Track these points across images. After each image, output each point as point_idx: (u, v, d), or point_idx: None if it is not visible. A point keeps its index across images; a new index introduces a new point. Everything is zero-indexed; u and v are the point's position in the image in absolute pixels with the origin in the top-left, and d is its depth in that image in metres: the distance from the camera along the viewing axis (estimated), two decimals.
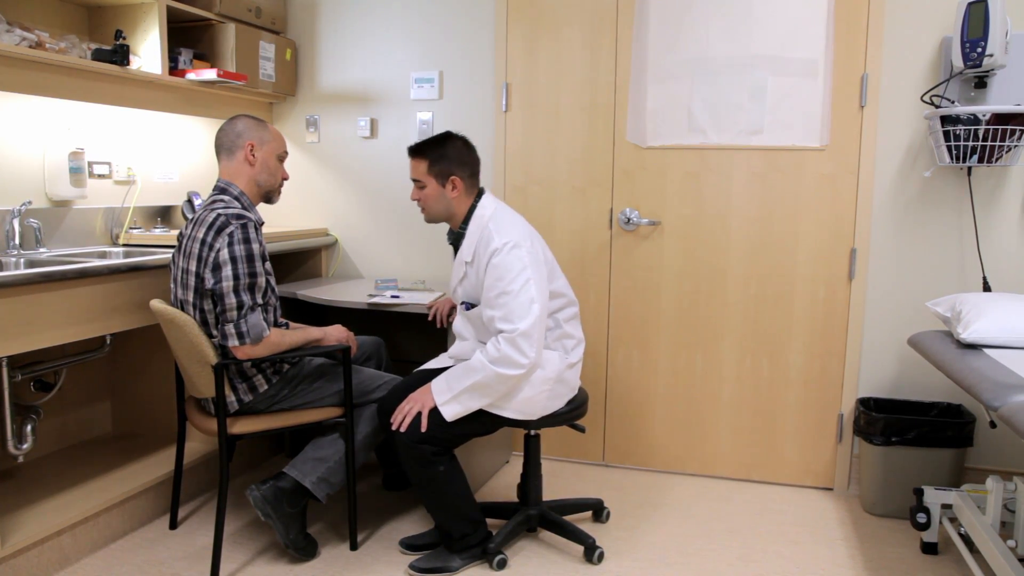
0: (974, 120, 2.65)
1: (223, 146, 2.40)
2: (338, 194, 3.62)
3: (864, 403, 2.97)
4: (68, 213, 2.92)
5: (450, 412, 2.27)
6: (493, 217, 2.37)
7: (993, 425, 2.45)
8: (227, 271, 2.22)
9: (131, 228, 3.14)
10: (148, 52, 2.90)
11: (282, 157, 2.48)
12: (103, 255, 2.89)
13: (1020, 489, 2.20)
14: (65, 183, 2.86)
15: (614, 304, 3.27)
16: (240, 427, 2.33)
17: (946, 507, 2.57)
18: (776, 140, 3.01)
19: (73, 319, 2.34)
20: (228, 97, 3.38)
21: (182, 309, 2.33)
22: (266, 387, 2.38)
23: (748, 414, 3.17)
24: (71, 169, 2.87)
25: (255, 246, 2.26)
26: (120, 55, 2.74)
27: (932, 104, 2.82)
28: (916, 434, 2.76)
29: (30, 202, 2.72)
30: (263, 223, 2.42)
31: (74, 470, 2.79)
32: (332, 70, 3.57)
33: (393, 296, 2.95)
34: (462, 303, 2.48)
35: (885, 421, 2.78)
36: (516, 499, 2.68)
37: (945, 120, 2.70)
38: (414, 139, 3.46)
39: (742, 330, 3.13)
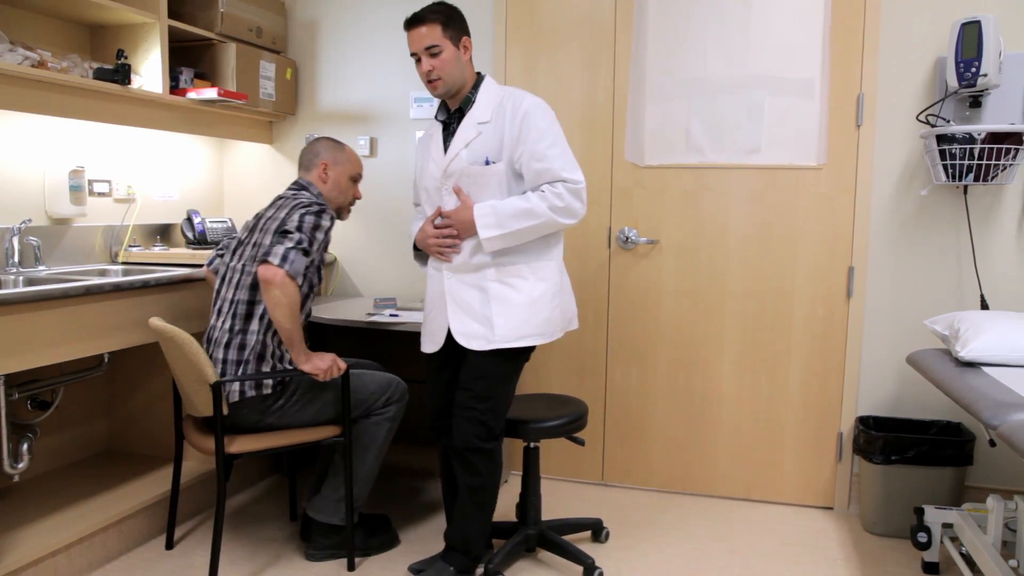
0: (969, 139, 2.67)
1: (302, 163, 2.59)
2: None
3: (863, 421, 2.97)
4: (68, 231, 2.93)
5: (489, 244, 2.23)
6: (506, 87, 2.36)
7: (993, 443, 2.44)
8: (295, 220, 2.33)
9: (130, 246, 3.15)
10: (149, 71, 2.92)
11: (355, 178, 2.63)
12: (102, 273, 2.90)
13: (1021, 508, 2.20)
14: (65, 201, 2.87)
15: (612, 322, 3.27)
16: (238, 446, 2.32)
17: (947, 526, 2.56)
18: (774, 159, 3.03)
19: (71, 337, 2.34)
20: (228, 116, 3.40)
21: (234, 276, 2.42)
22: (269, 392, 2.37)
23: (747, 433, 3.17)
24: (71, 187, 2.88)
25: (321, 233, 2.39)
26: (121, 74, 2.76)
27: (928, 123, 2.84)
28: (916, 453, 2.75)
29: (30, 220, 2.73)
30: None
31: (70, 489, 2.78)
32: (332, 89, 3.60)
33: (392, 315, 2.95)
34: (473, 164, 2.26)
35: (885, 439, 2.78)
36: (515, 518, 2.66)
37: (941, 139, 2.72)
38: (413, 158, 3.47)
39: (741, 348, 3.13)
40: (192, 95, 3.06)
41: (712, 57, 3.04)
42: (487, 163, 2.25)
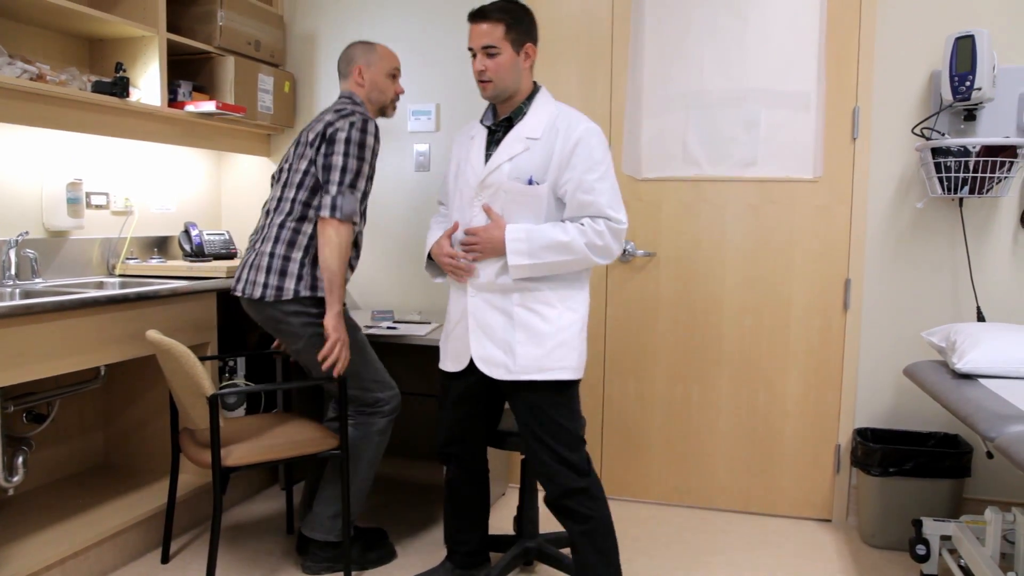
0: (964, 152, 2.68)
1: (340, 72, 2.59)
2: None
3: (861, 433, 2.96)
4: (65, 243, 2.93)
5: (515, 272, 2.08)
6: (561, 105, 2.21)
7: (990, 455, 2.44)
8: (339, 147, 2.36)
9: (127, 258, 3.14)
10: (148, 84, 2.93)
11: (393, 73, 2.60)
12: (99, 286, 2.89)
13: (1019, 520, 2.19)
14: (62, 213, 2.87)
15: (610, 335, 3.27)
16: (234, 459, 2.31)
17: (945, 538, 2.56)
18: (770, 172, 3.05)
19: (67, 350, 2.33)
20: (226, 128, 3.40)
21: (273, 208, 2.49)
22: (311, 303, 2.43)
23: (745, 445, 3.16)
24: (68, 199, 2.88)
25: (370, 139, 2.40)
26: (120, 87, 2.77)
27: (923, 136, 2.86)
28: (914, 464, 2.75)
29: (27, 232, 2.72)
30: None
31: (65, 503, 2.76)
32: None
33: (389, 327, 2.95)
34: (514, 180, 2.13)
35: (883, 452, 2.78)
36: (512, 531, 2.65)
37: (936, 152, 2.73)
38: (411, 171, 3.49)
39: (738, 361, 3.13)
40: (190, 108, 3.07)
41: (709, 71, 3.06)
42: (530, 182, 2.10)
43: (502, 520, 3.06)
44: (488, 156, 2.18)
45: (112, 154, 3.14)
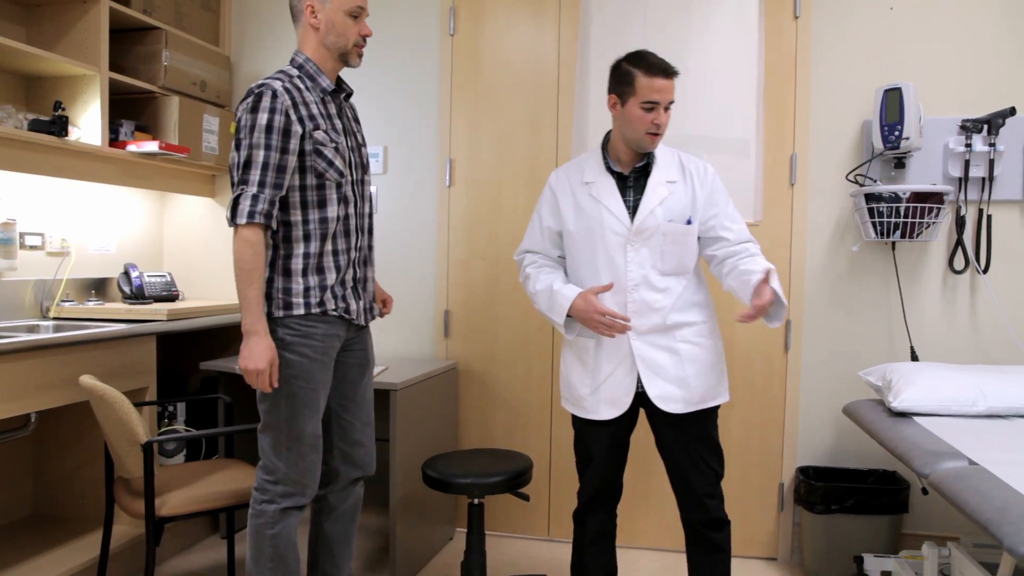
0: (895, 198, 2.79)
1: (292, 14, 2.15)
2: None
3: (804, 472, 3.01)
4: None
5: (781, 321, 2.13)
6: (670, 148, 2.29)
7: (925, 491, 2.50)
8: (234, 142, 2.02)
9: (63, 301, 3.05)
10: (88, 123, 2.88)
11: (354, 12, 2.11)
12: (32, 329, 2.80)
13: (954, 554, 2.25)
14: None
15: (557, 376, 3.27)
16: (170, 508, 2.24)
17: (886, 574, 2.60)
18: None
19: None
20: (170, 169, 3.36)
21: None
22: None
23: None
24: (1, 240, 2.80)
25: (263, 116, 1.96)
26: (58, 126, 2.72)
27: (856, 183, 2.97)
28: (854, 502, 2.80)
29: None
30: (332, 88, 2.14)
31: None
32: None
33: None
34: (670, 221, 2.16)
35: (824, 489, 2.82)
36: None
37: (869, 197, 2.84)
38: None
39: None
40: (132, 148, 3.02)
41: None
42: (688, 222, 2.18)
43: (449, 566, 3.01)
44: (630, 202, 2.20)
45: (49, 194, 3.07)
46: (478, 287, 3.35)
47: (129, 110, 3.17)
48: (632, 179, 2.22)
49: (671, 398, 2.19)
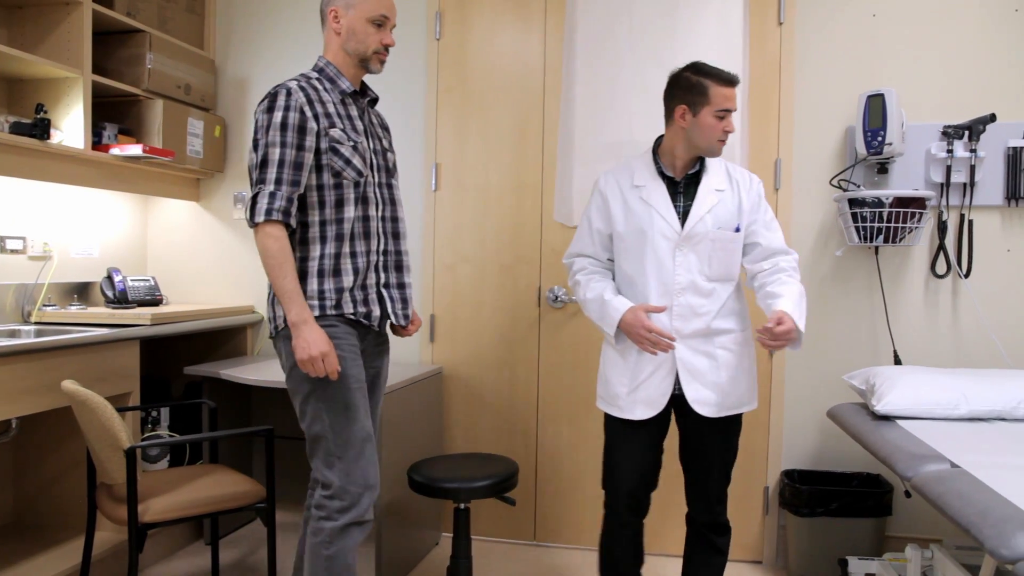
0: (878, 203, 2.82)
1: (321, 19, 2.19)
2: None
3: (788, 475, 3.03)
4: None
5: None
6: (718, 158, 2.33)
7: (908, 494, 2.52)
8: (250, 147, 2.03)
9: (45, 305, 3.03)
10: (71, 126, 2.86)
11: (378, 21, 2.11)
12: (13, 334, 2.77)
13: (936, 557, 2.26)
14: None
15: (543, 381, 3.28)
16: (152, 515, 2.22)
17: None
18: None
19: None
20: (154, 173, 3.34)
21: None
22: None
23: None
24: None
25: (277, 115, 1.97)
26: (40, 129, 2.70)
27: (840, 188, 2.99)
28: (839, 505, 2.82)
29: None
30: (352, 90, 2.14)
31: None
32: None
33: None
34: (719, 228, 2.22)
35: (809, 493, 2.84)
36: None
37: (852, 203, 2.86)
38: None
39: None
40: (116, 151, 3.00)
41: (637, 122, 3.14)
42: (737, 230, 2.24)
43: (436, 571, 3.00)
44: (680, 207, 2.24)
45: (31, 197, 3.04)
46: (464, 292, 3.35)
47: (112, 113, 3.14)
48: (682, 185, 2.26)
49: (706, 402, 2.23)
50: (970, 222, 2.92)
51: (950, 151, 2.87)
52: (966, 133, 2.85)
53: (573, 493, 3.27)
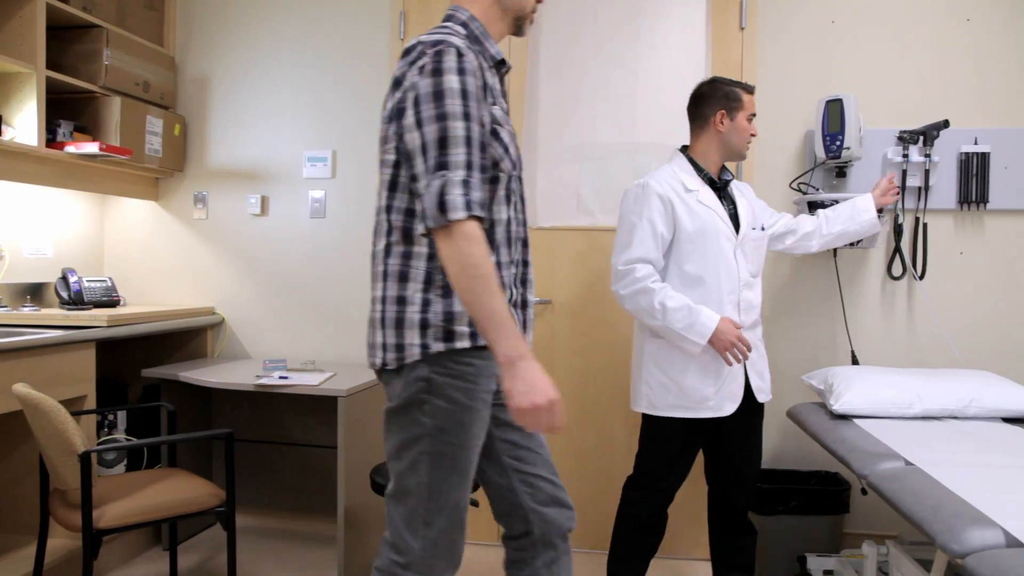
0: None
1: None
2: (226, 272, 3.53)
3: None
4: None
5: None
6: None
7: (864, 492, 2.57)
8: (410, 116, 1.53)
9: None
10: (24, 123, 2.79)
11: None
12: None
13: (892, 553, 2.31)
14: None
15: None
16: (108, 520, 2.17)
17: (828, 573, 2.66)
18: None
19: None
20: (111, 171, 3.27)
21: (374, 230, 1.69)
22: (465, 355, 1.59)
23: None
24: None
25: (452, 78, 1.50)
26: None
27: (800, 191, 3.04)
28: (797, 502, 2.86)
29: None
30: (500, 59, 1.70)
31: None
32: (223, 146, 3.53)
33: (281, 377, 2.86)
34: (753, 228, 2.51)
35: (768, 491, 2.88)
36: None
37: (812, 205, 2.90)
38: (306, 217, 3.43)
39: None
40: (71, 149, 2.94)
41: (601, 125, 3.17)
42: (762, 229, 2.53)
43: None
44: (729, 210, 2.45)
45: None
46: None
47: (68, 110, 3.07)
48: (721, 188, 2.47)
49: (761, 389, 2.47)
50: (924, 225, 2.99)
51: (905, 156, 2.93)
52: (921, 139, 2.91)
53: None
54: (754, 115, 2.45)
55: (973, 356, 2.99)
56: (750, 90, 2.46)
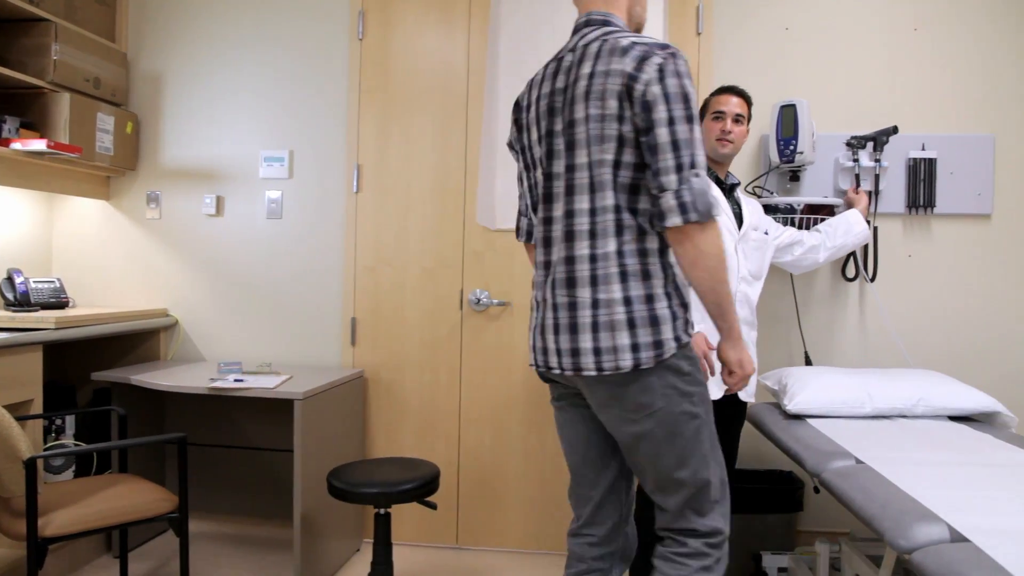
0: (791, 209, 2.92)
1: None
2: (180, 273, 3.46)
3: None
4: None
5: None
6: None
7: (817, 490, 2.61)
8: (660, 112, 1.57)
9: None
10: None
11: None
12: None
13: (844, 549, 2.35)
14: None
15: (465, 384, 3.27)
16: (55, 528, 2.12)
17: (782, 570, 2.70)
18: None
19: None
20: (60, 169, 3.19)
21: (569, 229, 1.69)
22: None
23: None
24: None
25: (689, 83, 1.60)
26: None
27: (755, 194, 3.08)
28: (753, 501, 2.90)
29: None
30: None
31: None
32: (177, 145, 3.46)
33: (237, 380, 2.82)
34: (755, 229, 2.61)
35: None
36: None
37: (767, 209, 2.95)
38: (262, 218, 3.39)
39: None
40: (17, 146, 2.85)
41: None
42: (766, 233, 2.64)
43: None
44: (734, 212, 2.55)
45: None
46: (385, 294, 3.31)
47: (14, 106, 2.99)
48: (726, 191, 2.56)
49: (746, 389, 2.50)
50: (875, 228, 3.06)
51: (856, 160, 2.99)
52: (871, 144, 2.98)
53: (495, 496, 3.27)
54: (721, 113, 2.52)
55: (921, 356, 3.06)
56: (720, 91, 2.57)
